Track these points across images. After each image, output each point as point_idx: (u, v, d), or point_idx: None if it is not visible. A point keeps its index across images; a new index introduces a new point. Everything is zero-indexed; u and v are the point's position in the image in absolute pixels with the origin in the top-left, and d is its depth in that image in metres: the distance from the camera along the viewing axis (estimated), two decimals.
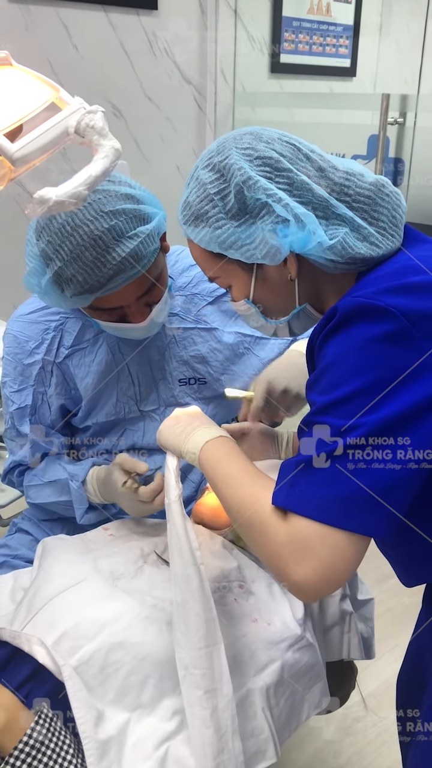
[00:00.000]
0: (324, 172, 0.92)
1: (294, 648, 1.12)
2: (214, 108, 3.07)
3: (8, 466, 1.44)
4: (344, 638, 1.26)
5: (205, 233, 0.94)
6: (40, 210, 0.79)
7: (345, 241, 0.89)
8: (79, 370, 1.35)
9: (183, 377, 1.39)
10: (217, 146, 0.94)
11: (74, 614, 1.04)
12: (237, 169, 0.90)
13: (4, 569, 1.36)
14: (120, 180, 1.18)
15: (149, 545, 1.24)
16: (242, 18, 3.11)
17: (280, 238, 0.90)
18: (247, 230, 0.91)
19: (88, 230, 1.11)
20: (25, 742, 0.86)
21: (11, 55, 0.89)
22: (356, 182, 0.92)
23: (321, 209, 0.90)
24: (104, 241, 1.12)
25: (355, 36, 3.64)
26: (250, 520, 0.85)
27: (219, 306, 1.40)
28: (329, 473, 0.78)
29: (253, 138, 0.92)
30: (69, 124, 0.83)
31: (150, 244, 1.16)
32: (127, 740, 0.98)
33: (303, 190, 0.90)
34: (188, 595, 0.97)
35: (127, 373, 1.36)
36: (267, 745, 1.04)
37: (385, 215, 0.93)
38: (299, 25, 3.35)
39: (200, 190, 0.94)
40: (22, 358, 1.34)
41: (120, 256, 1.13)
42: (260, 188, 0.89)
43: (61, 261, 1.13)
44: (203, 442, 0.98)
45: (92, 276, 1.13)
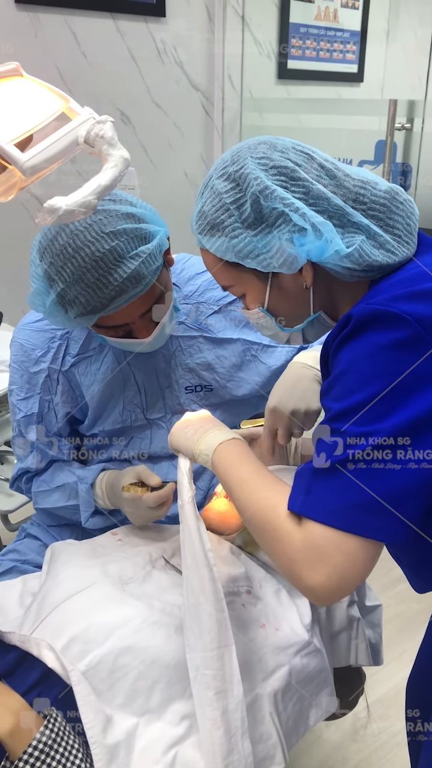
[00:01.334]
0: (339, 181, 0.92)
1: (302, 653, 1.12)
2: (221, 114, 3.09)
3: (16, 473, 1.44)
4: (352, 644, 1.26)
5: (221, 243, 0.94)
6: (50, 219, 0.81)
7: (362, 248, 0.90)
8: (85, 378, 1.35)
9: (189, 385, 1.40)
10: (232, 156, 0.94)
11: (83, 619, 1.05)
12: (253, 178, 0.90)
13: (13, 574, 1.37)
14: (121, 198, 1.18)
15: (158, 550, 1.24)
16: (249, 24, 3.12)
17: (297, 247, 0.90)
18: (263, 239, 0.91)
19: (90, 252, 1.11)
20: (34, 746, 0.87)
21: (21, 64, 0.90)
22: (371, 190, 0.92)
23: (337, 217, 0.90)
24: (106, 263, 1.12)
25: (363, 42, 3.65)
26: (265, 524, 0.85)
27: (225, 314, 1.40)
28: (344, 480, 0.79)
29: (268, 147, 0.92)
30: (79, 134, 0.84)
31: (152, 263, 1.16)
32: (136, 745, 0.98)
33: (319, 199, 0.90)
34: (201, 596, 0.98)
35: (133, 381, 1.37)
36: (275, 750, 1.04)
37: (400, 223, 0.93)
38: (306, 31, 3.37)
39: (216, 199, 0.94)
40: (29, 366, 1.35)
41: (122, 277, 1.12)
42: (277, 197, 0.89)
43: (64, 283, 1.13)
44: (216, 444, 0.99)
45: (94, 297, 1.13)
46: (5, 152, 0.80)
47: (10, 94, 0.85)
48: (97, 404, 1.37)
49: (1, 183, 0.85)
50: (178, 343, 1.38)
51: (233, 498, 0.94)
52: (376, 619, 1.35)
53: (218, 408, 1.43)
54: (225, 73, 3.05)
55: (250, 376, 1.41)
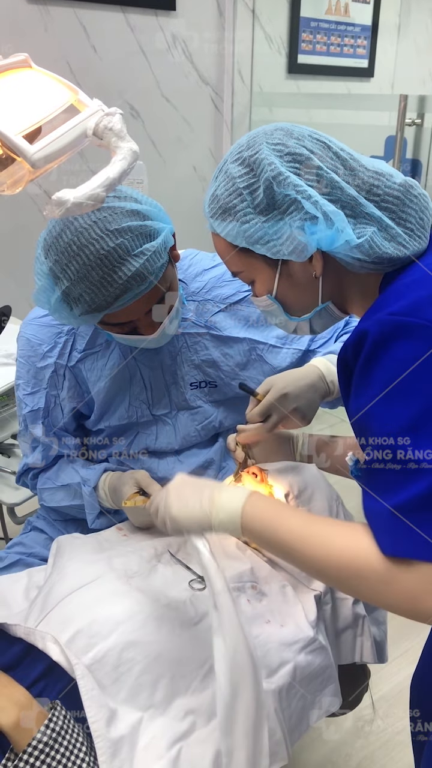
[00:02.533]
0: (353, 171, 0.91)
1: (307, 650, 1.12)
2: (231, 109, 3.08)
3: (22, 468, 1.45)
4: (357, 641, 1.26)
5: (232, 227, 0.93)
6: (58, 211, 0.80)
7: (372, 240, 0.89)
8: (92, 373, 1.35)
9: (194, 381, 1.39)
10: (248, 141, 0.93)
11: (88, 612, 1.05)
12: (267, 164, 0.89)
13: (19, 567, 1.37)
14: (126, 195, 1.18)
15: (163, 544, 1.24)
16: (260, 18, 3.11)
17: (308, 235, 0.89)
18: (274, 226, 0.90)
19: (94, 249, 1.11)
20: (39, 739, 0.87)
21: (30, 56, 0.90)
22: (385, 182, 0.91)
23: (349, 207, 0.90)
24: (110, 261, 1.11)
25: (373, 36, 3.63)
26: (355, 574, 0.82)
27: (232, 313, 1.40)
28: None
29: (284, 134, 0.92)
30: (87, 126, 0.83)
31: (157, 260, 1.15)
32: (140, 740, 0.98)
33: (332, 188, 0.89)
34: (241, 700, 0.94)
35: (139, 377, 1.37)
36: (279, 747, 1.04)
37: (413, 216, 0.92)
38: (317, 26, 3.35)
39: (229, 183, 0.93)
40: (35, 361, 1.35)
41: (126, 275, 1.12)
42: (290, 184, 0.88)
43: (69, 280, 1.13)
44: (240, 507, 0.92)
45: (99, 295, 1.13)
46: (14, 144, 0.80)
47: (19, 86, 0.85)
48: (103, 400, 1.36)
49: (9, 175, 0.84)
50: (184, 339, 1.37)
51: (292, 556, 0.89)
52: (381, 617, 1.35)
53: (222, 405, 1.43)
54: (235, 68, 3.04)
55: (254, 376, 1.41)
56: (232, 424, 1.42)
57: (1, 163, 0.83)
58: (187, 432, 1.41)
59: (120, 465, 1.40)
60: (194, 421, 1.42)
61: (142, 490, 1.27)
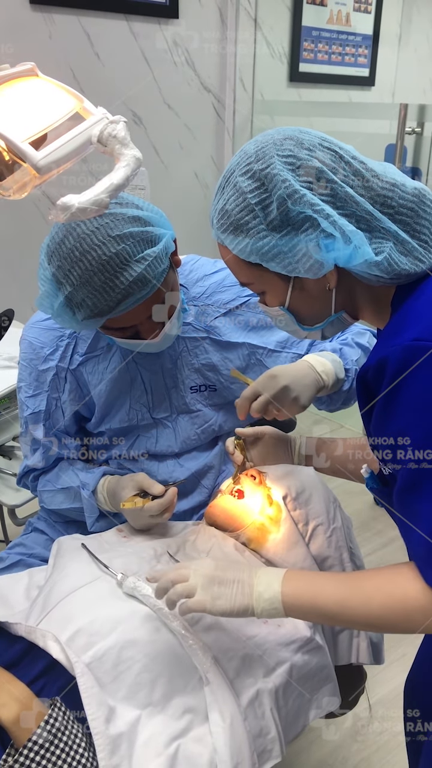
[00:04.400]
0: (367, 182, 0.89)
1: (304, 650, 1.13)
2: (232, 116, 3.10)
3: (23, 470, 1.46)
4: (353, 642, 1.27)
5: (246, 244, 0.91)
6: (62, 216, 0.82)
7: (391, 257, 0.87)
8: (93, 377, 1.37)
9: (194, 385, 1.41)
10: (256, 151, 0.90)
11: (88, 611, 1.06)
12: (281, 180, 0.87)
13: (20, 567, 1.38)
14: (128, 202, 1.19)
15: (162, 545, 1.26)
16: (262, 27, 3.14)
17: (324, 253, 0.87)
18: (289, 243, 0.88)
19: (96, 255, 1.12)
20: (39, 735, 0.88)
21: (35, 63, 0.92)
22: (399, 193, 0.89)
23: (364, 222, 0.88)
24: (112, 266, 1.13)
25: (375, 45, 3.66)
26: (408, 617, 0.84)
27: (232, 317, 1.41)
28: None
29: (295, 144, 0.89)
30: (92, 134, 0.85)
31: (158, 265, 1.16)
32: (138, 737, 0.99)
33: (347, 202, 0.87)
34: None
35: (140, 381, 1.38)
36: (273, 744, 1.05)
37: (427, 227, 0.90)
38: (318, 35, 3.38)
39: (239, 198, 0.90)
40: (37, 364, 1.36)
41: (128, 280, 1.13)
42: (306, 202, 0.86)
43: (72, 286, 1.14)
44: (279, 592, 0.94)
45: (102, 300, 1.14)
46: (20, 150, 0.82)
47: (25, 94, 0.87)
48: (104, 403, 1.38)
49: (15, 180, 0.86)
50: (185, 343, 1.39)
51: (336, 622, 0.94)
52: None
53: (221, 408, 1.44)
54: (237, 76, 3.06)
55: (253, 379, 1.42)
56: (232, 428, 1.43)
57: (8, 168, 0.85)
58: (187, 435, 1.43)
59: (119, 468, 1.42)
60: (194, 424, 1.43)
61: (142, 492, 1.28)
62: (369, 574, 0.91)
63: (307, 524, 1.24)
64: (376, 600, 0.86)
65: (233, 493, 1.28)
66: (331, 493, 1.30)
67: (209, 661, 1.03)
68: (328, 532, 1.25)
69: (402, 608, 0.85)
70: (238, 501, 1.27)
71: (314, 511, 1.25)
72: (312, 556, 1.23)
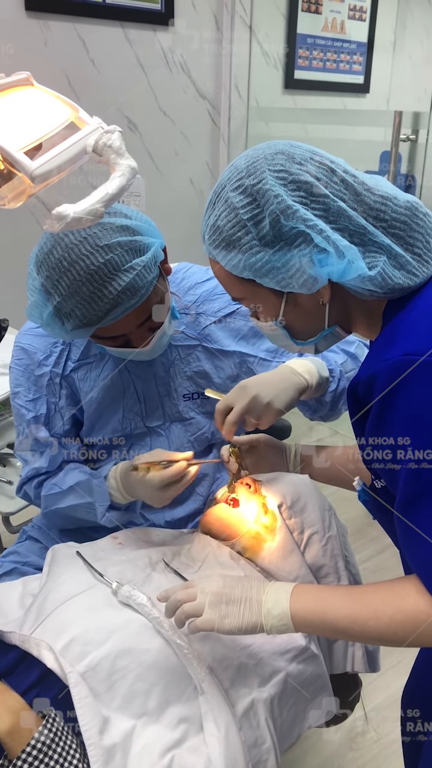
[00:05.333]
0: (359, 196, 0.88)
1: (299, 659, 1.13)
2: (228, 123, 3.11)
3: (26, 475, 1.42)
4: (348, 651, 1.27)
5: (238, 260, 0.90)
6: (57, 226, 0.82)
7: (384, 271, 0.87)
8: (85, 384, 1.36)
9: (187, 392, 1.41)
10: (247, 166, 0.89)
11: (83, 620, 1.06)
12: (273, 196, 0.86)
13: (14, 576, 1.38)
14: (116, 211, 1.19)
15: (158, 553, 1.26)
16: (257, 34, 3.15)
17: (318, 268, 0.87)
18: (282, 258, 0.88)
19: (84, 265, 1.12)
20: (32, 746, 0.87)
21: (30, 70, 0.92)
22: (392, 206, 0.89)
23: (358, 236, 0.87)
24: (100, 276, 1.13)
25: (369, 53, 3.68)
26: (418, 629, 0.84)
27: (224, 326, 1.41)
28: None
29: (286, 159, 0.88)
30: (87, 143, 0.85)
31: (146, 275, 1.16)
32: (132, 747, 0.99)
33: (339, 217, 0.87)
34: None
35: (132, 390, 1.38)
36: (269, 755, 1.05)
37: (420, 240, 0.90)
38: (314, 42, 3.39)
39: (231, 214, 0.89)
40: (33, 369, 1.36)
41: (116, 290, 1.13)
42: (299, 218, 0.85)
43: (60, 296, 1.14)
44: (287, 608, 0.94)
45: (90, 310, 1.14)
46: (15, 160, 0.82)
47: (21, 103, 0.87)
48: (95, 411, 1.38)
49: (10, 189, 0.86)
50: (177, 351, 1.39)
51: (346, 636, 0.94)
52: None
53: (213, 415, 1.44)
54: (232, 82, 3.07)
55: None
56: None
57: (3, 177, 0.85)
58: (181, 443, 1.43)
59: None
60: (187, 432, 1.43)
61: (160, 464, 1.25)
62: (376, 588, 0.90)
63: (303, 533, 1.24)
64: (386, 614, 0.86)
65: (228, 502, 1.28)
66: (326, 501, 1.30)
67: (204, 671, 1.03)
68: (323, 540, 1.25)
69: (412, 622, 0.85)
70: (233, 509, 1.27)
71: (309, 519, 1.24)
72: (307, 564, 1.23)
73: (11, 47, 2.40)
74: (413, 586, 0.85)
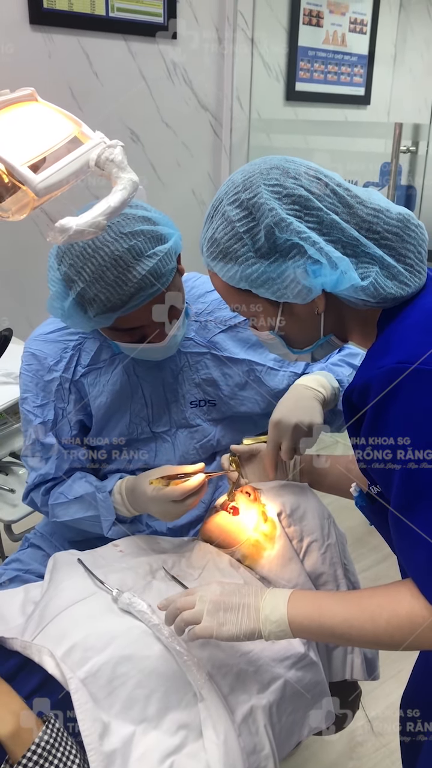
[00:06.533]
0: (352, 209, 0.91)
1: (298, 666, 1.13)
2: (229, 134, 3.14)
3: (33, 481, 1.42)
4: (348, 658, 1.28)
5: (235, 272, 0.93)
6: (60, 238, 0.84)
7: (376, 281, 0.89)
8: (94, 388, 1.38)
9: (194, 399, 1.42)
10: (243, 181, 0.92)
11: (83, 627, 1.07)
12: (268, 209, 0.89)
13: (16, 583, 1.38)
14: (136, 204, 1.23)
15: (158, 561, 1.26)
16: (258, 47, 3.18)
17: (312, 279, 0.89)
18: (277, 269, 0.90)
19: (109, 251, 1.16)
20: (33, 750, 0.88)
21: (34, 83, 0.94)
22: (384, 219, 0.91)
23: (350, 248, 0.90)
24: (125, 261, 1.16)
25: (370, 65, 3.71)
26: (414, 632, 0.85)
27: (233, 334, 1.43)
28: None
29: (281, 173, 0.91)
30: (90, 158, 0.87)
31: (168, 262, 1.21)
32: (132, 753, 0.99)
33: (332, 229, 0.89)
34: None
35: (140, 395, 1.39)
36: (267, 761, 1.05)
37: (412, 252, 0.93)
38: (315, 55, 3.42)
39: (228, 227, 0.92)
40: (43, 375, 1.37)
41: (140, 274, 1.17)
42: (293, 230, 0.88)
43: (84, 282, 1.17)
44: (285, 614, 0.95)
45: (115, 294, 1.17)
46: (19, 173, 0.83)
47: (25, 118, 0.89)
48: (103, 415, 1.39)
49: (14, 202, 0.88)
50: (186, 358, 1.41)
51: (343, 640, 0.95)
52: None
53: (220, 423, 1.46)
54: (234, 94, 3.10)
55: (252, 396, 1.44)
56: (230, 443, 1.44)
57: (7, 190, 0.87)
58: (186, 450, 1.44)
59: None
60: (193, 439, 1.44)
61: (169, 479, 1.27)
62: (372, 592, 0.92)
63: (302, 541, 1.25)
64: (383, 618, 0.88)
65: (228, 510, 1.29)
66: (325, 509, 1.31)
67: (203, 677, 1.04)
68: (322, 548, 1.26)
69: (409, 625, 0.86)
70: (233, 517, 1.28)
71: (308, 527, 1.25)
72: (306, 572, 1.24)
73: (16, 60, 2.43)
74: (408, 590, 0.86)
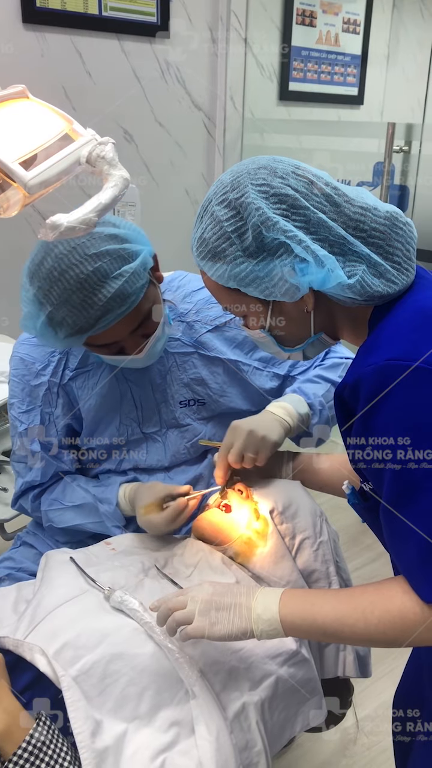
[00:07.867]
0: (339, 207, 0.91)
1: (290, 663, 1.14)
2: (223, 134, 3.14)
3: (20, 488, 1.44)
4: (340, 655, 1.28)
5: (224, 271, 0.94)
6: (52, 234, 0.84)
7: (363, 279, 0.90)
8: (83, 392, 1.38)
9: (183, 399, 1.43)
10: (231, 181, 0.93)
11: (75, 625, 1.07)
12: (255, 209, 0.89)
13: (8, 582, 1.38)
14: (105, 221, 1.21)
15: (150, 559, 1.27)
16: (252, 47, 3.18)
17: (299, 277, 0.90)
18: (265, 268, 0.91)
19: (74, 274, 1.15)
20: (24, 748, 0.88)
21: (27, 81, 0.94)
22: (371, 217, 0.92)
23: (338, 246, 0.90)
24: (90, 284, 1.15)
25: (363, 65, 3.71)
26: (405, 630, 0.86)
27: (219, 334, 1.43)
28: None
29: (268, 173, 0.91)
30: (81, 155, 0.87)
31: (136, 281, 1.19)
32: (124, 750, 0.99)
33: (319, 227, 0.90)
34: None
35: (129, 397, 1.40)
36: (259, 758, 1.06)
37: (400, 249, 0.93)
38: (308, 54, 3.43)
39: (216, 227, 0.93)
40: (30, 380, 1.37)
41: (106, 297, 1.16)
42: (279, 229, 0.89)
43: (51, 305, 1.17)
44: (276, 613, 0.96)
45: (81, 318, 1.17)
46: (10, 170, 0.84)
47: (16, 115, 0.89)
48: (93, 418, 1.39)
49: (6, 199, 0.88)
50: (174, 359, 1.41)
51: (336, 639, 0.96)
52: None
53: (210, 421, 1.46)
54: (227, 94, 3.10)
55: (239, 393, 1.44)
56: (220, 440, 1.45)
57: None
58: (177, 449, 1.44)
59: (134, 479, 1.43)
60: (183, 438, 1.44)
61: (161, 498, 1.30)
62: (363, 590, 0.92)
63: (294, 538, 1.25)
64: (374, 615, 0.88)
65: (221, 507, 1.29)
66: (317, 507, 1.31)
67: (195, 675, 1.04)
68: (314, 545, 1.26)
69: (401, 622, 0.86)
70: (225, 515, 1.28)
71: (301, 525, 1.26)
72: (299, 569, 1.24)
73: (9, 59, 2.43)
74: (400, 587, 0.87)
